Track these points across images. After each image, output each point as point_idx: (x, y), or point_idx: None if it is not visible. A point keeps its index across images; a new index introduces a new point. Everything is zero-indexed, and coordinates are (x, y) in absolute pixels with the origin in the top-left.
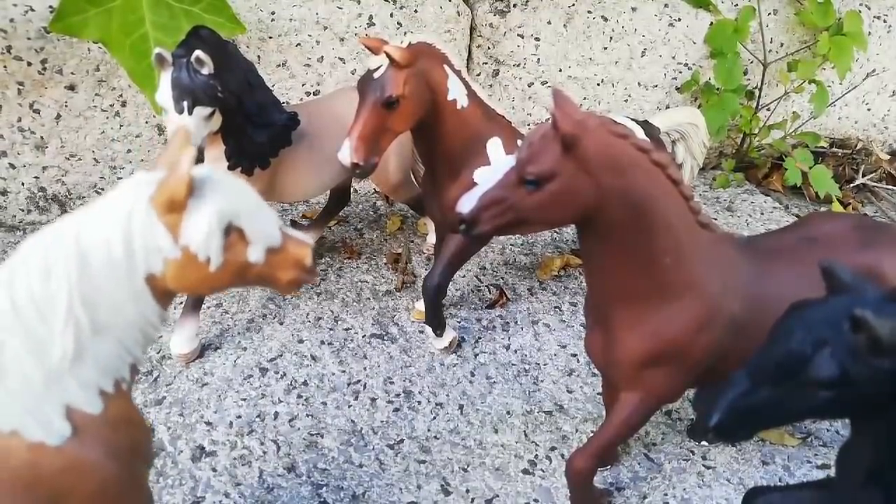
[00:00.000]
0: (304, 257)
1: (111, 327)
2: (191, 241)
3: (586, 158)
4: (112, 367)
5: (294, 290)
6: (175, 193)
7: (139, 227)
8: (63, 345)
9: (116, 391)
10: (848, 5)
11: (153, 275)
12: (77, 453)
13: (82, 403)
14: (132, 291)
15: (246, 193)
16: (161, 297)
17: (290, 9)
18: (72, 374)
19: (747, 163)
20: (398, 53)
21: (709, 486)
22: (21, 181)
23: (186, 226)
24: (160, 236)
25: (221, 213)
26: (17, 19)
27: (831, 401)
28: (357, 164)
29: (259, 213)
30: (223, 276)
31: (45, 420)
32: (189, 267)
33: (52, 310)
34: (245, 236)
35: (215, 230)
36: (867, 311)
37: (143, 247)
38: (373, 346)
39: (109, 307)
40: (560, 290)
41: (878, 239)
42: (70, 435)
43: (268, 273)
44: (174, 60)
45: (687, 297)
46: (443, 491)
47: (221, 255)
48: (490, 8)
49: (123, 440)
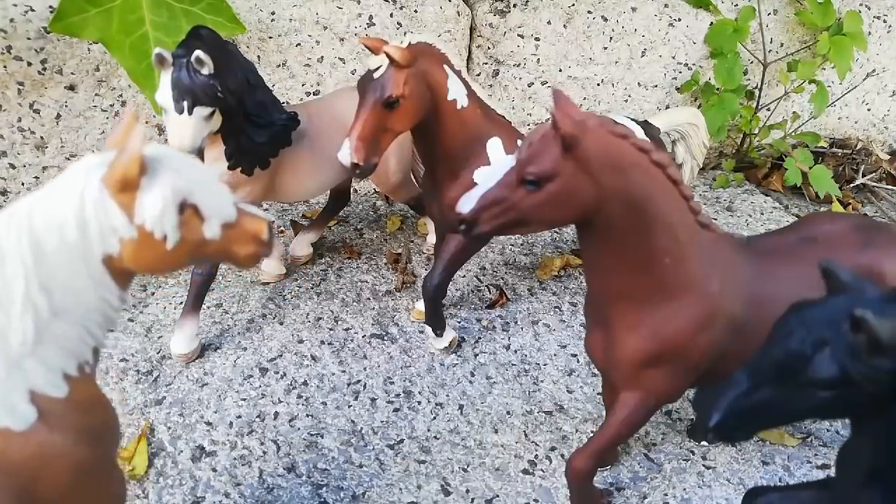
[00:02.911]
0: (260, 231)
1: (71, 310)
2: (146, 220)
3: (586, 159)
4: (75, 351)
5: (253, 264)
6: (127, 172)
7: (92, 207)
8: (22, 330)
9: (80, 374)
10: (848, 5)
11: (110, 255)
12: (44, 437)
13: (46, 387)
14: (89, 273)
15: (198, 169)
16: (119, 277)
17: (290, 9)
18: (34, 359)
19: (747, 163)
20: (398, 53)
21: (709, 486)
22: (21, 181)
23: (140, 204)
24: (114, 216)
25: (175, 190)
26: (17, 19)
27: (831, 401)
28: (357, 164)
29: (212, 188)
30: (180, 253)
31: (9, 405)
32: (146, 246)
33: (9, 296)
34: (199, 212)
35: (170, 207)
36: (867, 311)
37: (97, 227)
38: (373, 346)
39: (67, 290)
40: (560, 290)
41: (878, 239)
42: (36, 419)
43: (225, 248)
44: (174, 60)
45: (687, 297)
46: (443, 491)
47: (177, 232)
48: (490, 8)
49: (90, 422)
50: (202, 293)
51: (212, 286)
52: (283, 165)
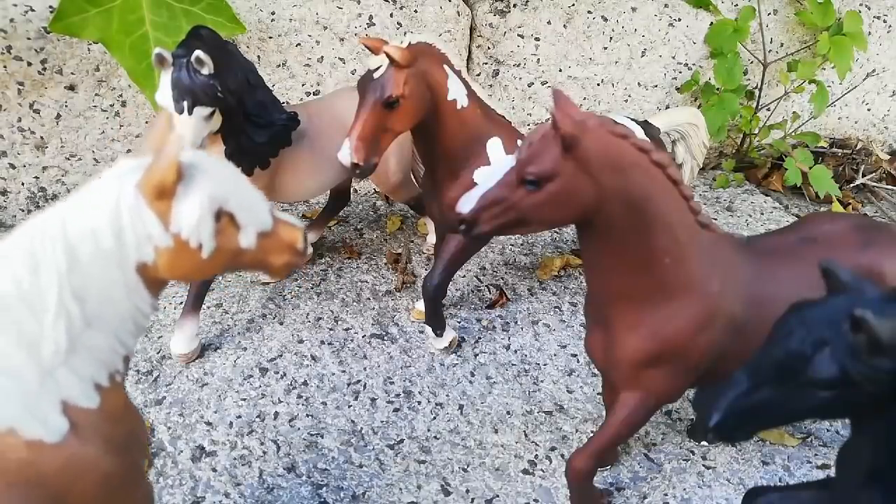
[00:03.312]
0: (295, 240)
1: (103, 319)
2: (182, 228)
3: (586, 159)
4: (106, 360)
5: (286, 274)
6: (164, 179)
7: (128, 214)
8: (55, 339)
9: (111, 383)
10: (848, 5)
11: (144, 263)
12: (76, 449)
13: (78, 398)
14: (124, 281)
15: (235, 177)
16: (152, 285)
17: (290, 9)
18: (66, 369)
19: (747, 163)
20: (398, 53)
21: (709, 486)
22: (21, 181)
23: (176, 212)
24: (150, 224)
25: (212, 198)
26: (17, 19)
27: (831, 401)
28: (357, 164)
29: (249, 196)
30: (216, 262)
31: (42, 416)
32: (181, 254)
33: (42, 303)
34: (236, 221)
35: (206, 215)
36: (867, 311)
37: (132, 235)
38: (373, 346)
39: (101, 298)
40: (560, 290)
41: (878, 239)
42: (68, 430)
43: (260, 258)
44: (174, 60)
45: (687, 297)
46: (443, 491)
47: (213, 241)
48: (490, 8)
49: (120, 433)
50: (202, 293)
51: (212, 286)
52: (283, 165)
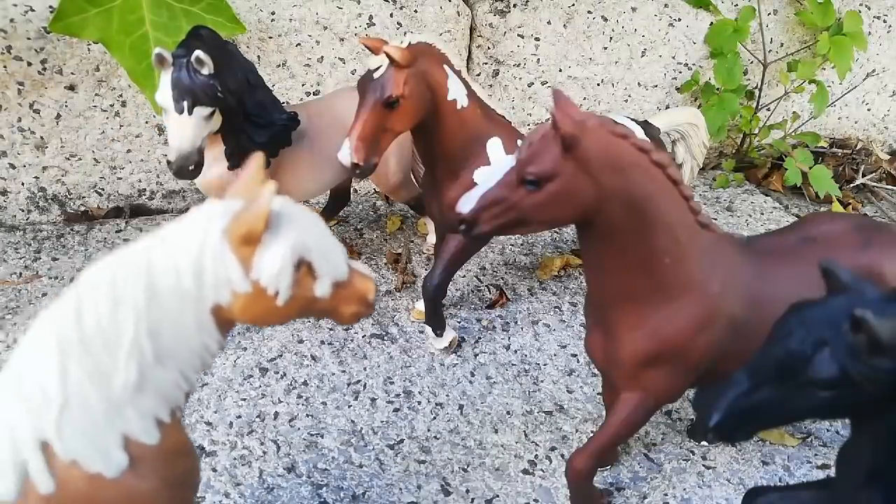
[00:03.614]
0: (368, 291)
1: (173, 356)
2: (262, 275)
3: (586, 159)
4: (170, 396)
5: (353, 323)
6: (253, 227)
7: (211, 258)
8: (126, 374)
9: (172, 419)
10: (848, 5)
11: (219, 305)
12: (132, 485)
13: (139, 433)
14: (197, 321)
15: (318, 227)
16: (222, 325)
17: (290, 9)
18: (132, 404)
19: (747, 163)
20: (398, 53)
21: (709, 486)
22: (21, 181)
23: (259, 260)
24: (232, 269)
25: (295, 248)
26: (17, 19)
27: (831, 401)
28: (357, 164)
29: (329, 247)
30: (289, 309)
31: (104, 450)
32: (257, 300)
33: (118, 339)
34: (314, 270)
35: (288, 265)
36: (867, 311)
37: (213, 278)
38: (373, 346)
39: (173, 336)
40: (560, 290)
41: (877, 239)
42: (127, 466)
43: (332, 307)
44: (174, 60)
45: (687, 297)
46: (443, 491)
47: (291, 289)
48: (490, 8)
49: (176, 470)
50: None
51: None
52: (283, 165)
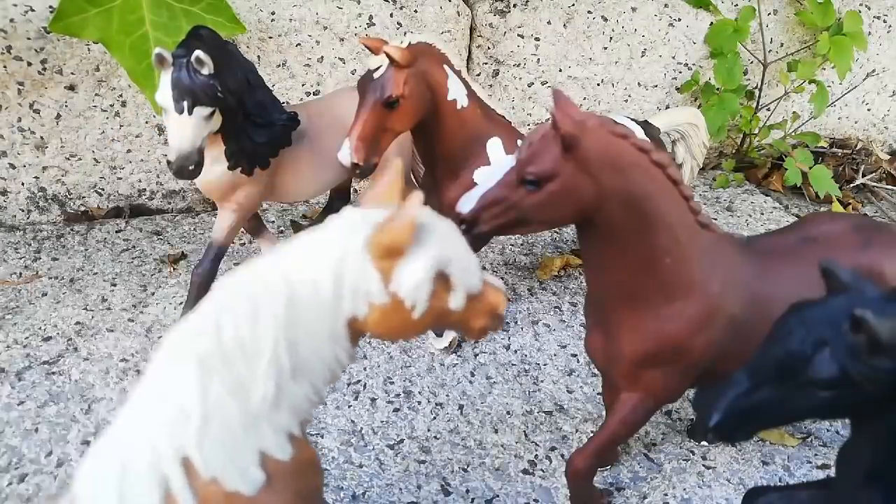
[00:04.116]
0: (499, 305)
1: (307, 368)
2: (401, 288)
3: (586, 159)
4: (302, 410)
5: (482, 337)
6: (398, 240)
7: (351, 270)
8: (264, 388)
9: (301, 433)
10: (848, 5)
11: (355, 317)
12: (267, 501)
13: (274, 449)
14: (332, 332)
15: (457, 240)
16: (354, 337)
17: (290, 9)
18: (267, 420)
19: (747, 163)
20: (398, 53)
21: (709, 486)
22: (21, 181)
23: (399, 272)
24: (372, 281)
25: (436, 261)
26: (17, 19)
27: (831, 401)
28: (357, 164)
29: (466, 259)
30: (424, 322)
31: (243, 468)
32: (393, 312)
33: (257, 352)
34: (450, 283)
35: (428, 278)
36: (867, 311)
37: (351, 290)
38: (373, 346)
39: (309, 348)
40: (560, 290)
41: (877, 239)
42: (263, 483)
43: (464, 319)
44: (174, 60)
45: (687, 297)
46: (443, 491)
47: (428, 302)
48: (490, 8)
49: (307, 485)
50: (202, 293)
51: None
52: (283, 165)
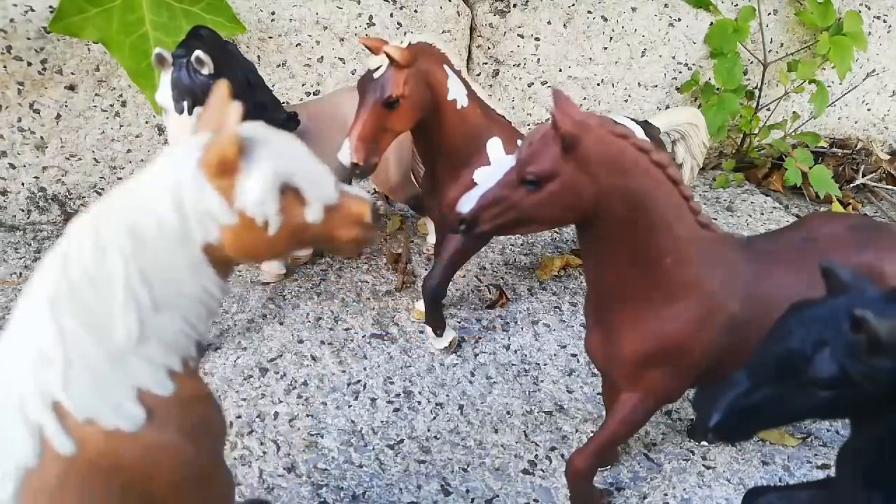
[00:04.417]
0: (363, 213)
1: (172, 302)
2: (246, 205)
3: (586, 159)
4: (178, 345)
5: (356, 252)
6: (224, 154)
7: (190, 194)
8: (126, 324)
9: (184, 370)
10: (848, 5)
11: (210, 244)
12: (153, 438)
13: (152, 385)
14: (190, 263)
15: (299, 150)
16: (220, 266)
17: (290, 9)
18: (138, 356)
19: (747, 163)
20: (398, 53)
21: (709, 486)
22: (21, 181)
23: (240, 188)
24: (213, 201)
25: (276, 172)
26: (17, 19)
27: (831, 401)
28: (357, 164)
29: (314, 170)
30: (281, 239)
31: (115, 403)
32: (247, 232)
33: (110, 288)
34: (301, 196)
35: (271, 190)
36: (867, 311)
37: (195, 214)
38: (373, 346)
39: (168, 281)
40: (560, 290)
41: (877, 239)
42: (144, 419)
43: (327, 233)
44: (174, 60)
45: (687, 297)
46: (443, 491)
47: (279, 216)
48: (490, 8)
49: (197, 419)
50: None
51: None
52: None
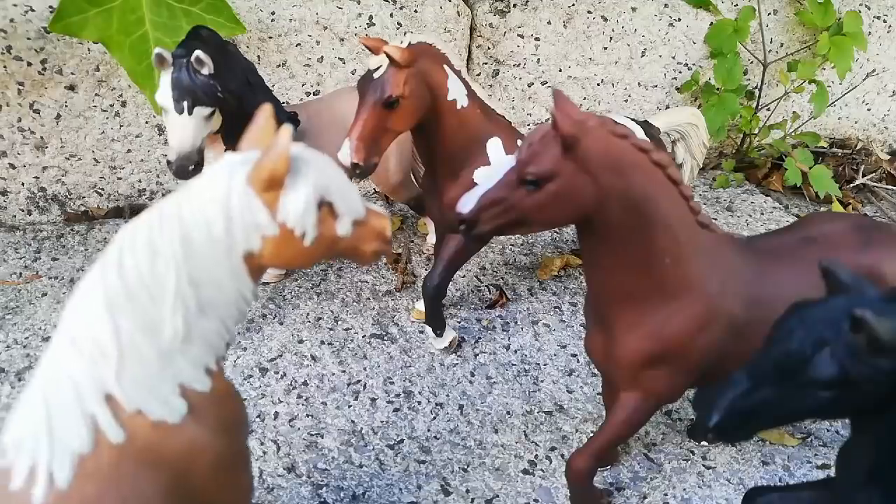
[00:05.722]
0: (384, 228)
1: (214, 306)
2: (288, 217)
3: (586, 159)
4: (215, 345)
5: (374, 260)
6: (275, 171)
7: (238, 206)
8: (174, 325)
9: (217, 368)
10: (848, 5)
11: (250, 252)
12: (194, 430)
13: (193, 382)
14: (231, 269)
15: (334, 169)
16: (254, 273)
17: (290, 9)
18: (183, 354)
19: (747, 163)
20: (398, 53)
21: (709, 486)
22: (21, 181)
23: (284, 202)
24: (259, 213)
25: (316, 188)
26: (17, 19)
27: (831, 401)
28: (357, 164)
29: (345, 187)
30: (316, 250)
31: (163, 398)
32: (285, 243)
33: (162, 291)
34: (334, 210)
35: (311, 205)
36: (867, 311)
37: (242, 224)
38: (373, 346)
39: (212, 285)
40: (560, 290)
41: (877, 239)
42: (187, 412)
43: (354, 245)
44: (174, 60)
45: (687, 297)
46: (443, 491)
47: (315, 229)
48: (490, 8)
49: (227, 415)
50: None
51: None
52: None
